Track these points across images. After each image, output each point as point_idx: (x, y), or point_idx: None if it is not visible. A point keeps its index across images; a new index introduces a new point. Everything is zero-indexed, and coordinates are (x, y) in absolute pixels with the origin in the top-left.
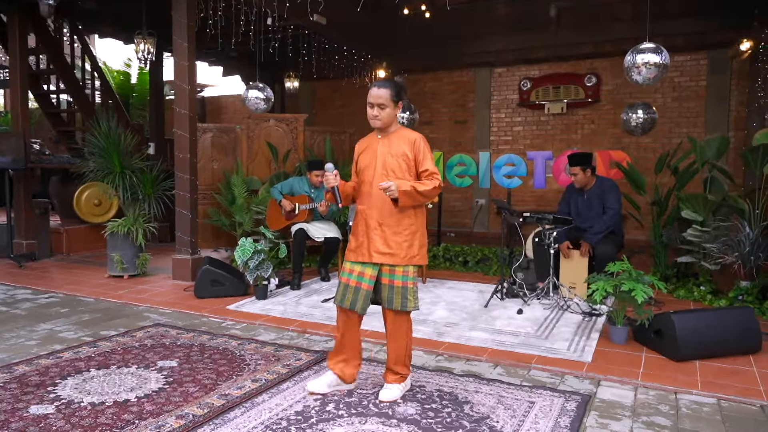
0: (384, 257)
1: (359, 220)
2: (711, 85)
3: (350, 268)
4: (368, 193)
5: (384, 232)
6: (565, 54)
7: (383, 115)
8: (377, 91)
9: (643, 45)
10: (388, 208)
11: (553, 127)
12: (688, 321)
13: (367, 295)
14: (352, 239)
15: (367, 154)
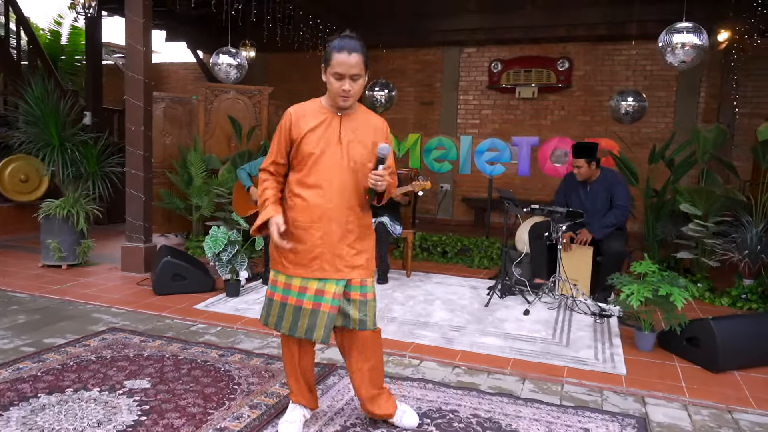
0: (357, 271)
1: (306, 222)
2: (682, 75)
3: (294, 283)
4: (327, 187)
5: (357, 240)
6: (538, 36)
7: (356, 88)
8: (350, 58)
9: (681, 24)
10: (358, 207)
11: (523, 112)
12: (728, 329)
13: (331, 320)
14: (293, 245)
15: (321, 135)
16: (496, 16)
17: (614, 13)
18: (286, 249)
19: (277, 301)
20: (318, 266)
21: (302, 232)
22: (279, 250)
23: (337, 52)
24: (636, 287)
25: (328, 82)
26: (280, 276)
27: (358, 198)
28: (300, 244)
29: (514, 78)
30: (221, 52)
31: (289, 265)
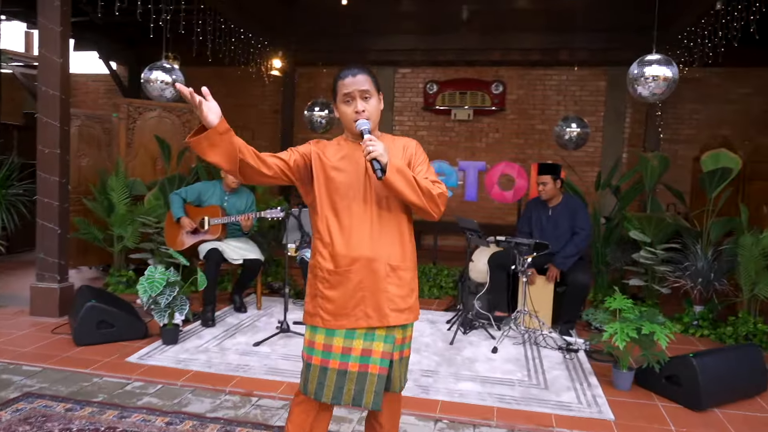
0: (403, 315)
1: (343, 266)
2: (609, 101)
3: (336, 344)
4: (362, 222)
5: (399, 278)
6: (473, 59)
7: (371, 108)
8: (356, 77)
9: (652, 56)
10: (399, 240)
11: (458, 134)
12: (709, 366)
13: (381, 383)
14: (326, 292)
15: (346, 167)
16: (431, 37)
17: (547, 39)
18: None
19: (316, 366)
20: (362, 313)
21: (340, 278)
22: (316, 300)
23: (341, 79)
24: (619, 326)
25: (340, 113)
26: (317, 335)
27: (398, 229)
28: (339, 291)
29: (450, 100)
30: (154, 68)
31: (329, 317)
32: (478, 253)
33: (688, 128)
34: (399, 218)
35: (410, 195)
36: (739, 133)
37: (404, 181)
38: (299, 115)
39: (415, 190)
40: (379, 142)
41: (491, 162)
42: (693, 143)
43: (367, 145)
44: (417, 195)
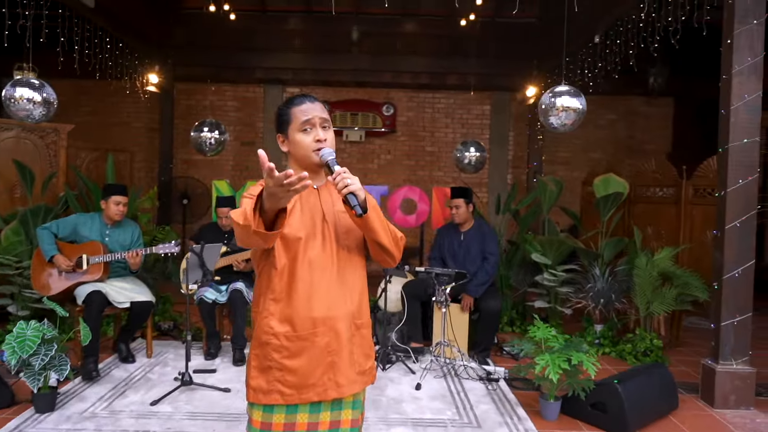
0: (366, 377)
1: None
2: (494, 125)
3: (300, 420)
4: (323, 276)
5: (362, 336)
6: (364, 80)
7: (331, 139)
8: (314, 105)
9: (561, 87)
10: (356, 289)
11: (350, 155)
12: (632, 390)
13: None
14: (286, 362)
15: (300, 215)
16: (322, 56)
17: (437, 63)
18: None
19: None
20: (332, 382)
21: (303, 344)
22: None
23: (296, 106)
24: (549, 358)
25: (295, 143)
26: (275, 415)
27: (359, 280)
28: (302, 359)
29: (341, 121)
30: (18, 84)
31: (291, 391)
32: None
33: (564, 151)
34: (359, 268)
35: (382, 235)
36: (608, 156)
37: (378, 219)
38: (180, 134)
39: (386, 230)
40: (352, 175)
41: (383, 184)
42: (569, 165)
43: (343, 177)
44: (387, 235)
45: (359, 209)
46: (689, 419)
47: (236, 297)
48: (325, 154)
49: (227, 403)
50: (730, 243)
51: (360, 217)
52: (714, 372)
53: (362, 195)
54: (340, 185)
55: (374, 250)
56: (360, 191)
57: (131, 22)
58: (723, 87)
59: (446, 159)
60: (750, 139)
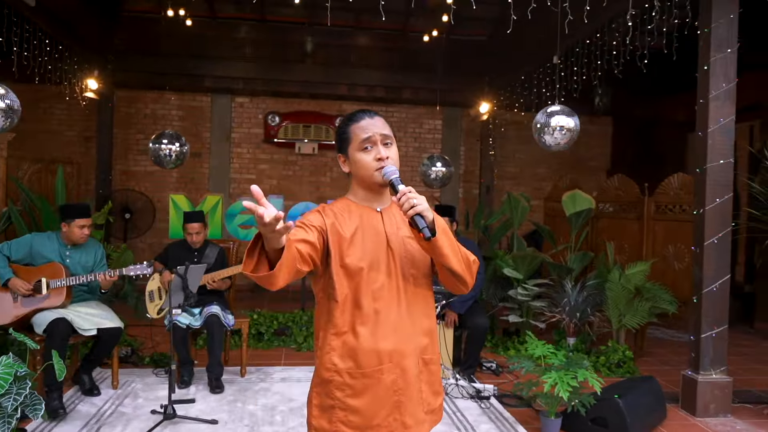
0: (435, 416)
1: (371, 366)
2: (446, 139)
3: None
4: (389, 309)
5: (431, 372)
6: (317, 92)
7: (394, 156)
8: (374, 120)
9: (555, 107)
10: (424, 321)
11: (302, 168)
12: (632, 404)
13: None
14: (349, 401)
15: (363, 242)
16: (274, 66)
17: (390, 77)
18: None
19: None
20: (398, 423)
21: (367, 381)
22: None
23: (355, 123)
24: (557, 375)
25: (355, 163)
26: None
27: (427, 311)
28: (366, 398)
29: (293, 133)
30: None
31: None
32: None
33: (512, 166)
34: (426, 298)
35: (453, 260)
36: (552, 172)
37: (448, 242)
38: (119, 143)
39: (457, 254)
40: (420, 195)
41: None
42: (516, 180)
43: (409, 198)
44: (458, 260)
45: (428, 232)
46: (677, 428)
47: (213, 322)
48: (387, 173)
49: None
50: (708, 258)
51: (428, 241)
52: (695, 382)
53: (430, 216)
54: (405, 206)
55: (444, 276)
56: (428, 212)
57: (71, 22)
58: (700, 111)
59: (400, 172)
60: (725, 161)
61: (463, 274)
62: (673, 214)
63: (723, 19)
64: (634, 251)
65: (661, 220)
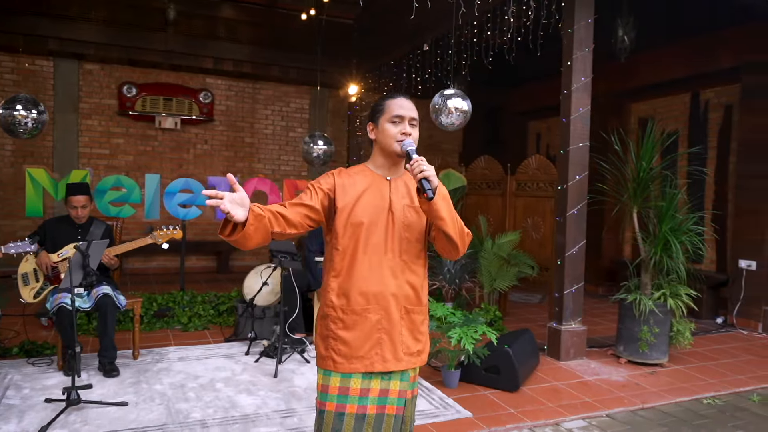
0: (413, 358)
1: (360, 305)
2: (312, 118)
3: (353, 386)
4: (380, 260)
5: (412, 321)
6: (180, 63)
7: (416, 136)
8: (408, 102)
9: (450, 91)
10: (416, 281)
11: (162, 144)
12: (518, 352)
13: (398, 424)
14: (339, 333)
15: (369, 201)
16: (131, 33)
17: (259, 53)
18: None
19: (330, 412)
20: (379, 356)
21: (356, 318)
22: (328, 342)
23: (392, 99)
24: (461, 331)
25: (382, 131)
26: (332, 378)
27: (416, 269)
28: (354, 332)
29: (152, 105)
30: None
31: (342, 360)
32: (253, 275)
33: None
34: (414, 258)
35: (449, 223)
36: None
37: (447, 207)
38: None
39: (453, 220)
40: (429, 164)
41: (200, 175)
42: None
43: (420, 164)
44: (453, 226)
45: (431, 193)
46: (548, 371)
47: (106, 303)
48: (406, 144)
49: (133, 417)
50: (570, 227)
51: (429, 201)
52: (559, 332)
53: (435, 182)
54: (416, 170)
55: (440, 239)
56: (434, 178)
57: None
58: (563, 101)
59: (266, 151)
60: (583, 144)
61: (457, 240)
62: (531, 190)
63: (583, 22)
64: (498, 224)
65: (521, 196)
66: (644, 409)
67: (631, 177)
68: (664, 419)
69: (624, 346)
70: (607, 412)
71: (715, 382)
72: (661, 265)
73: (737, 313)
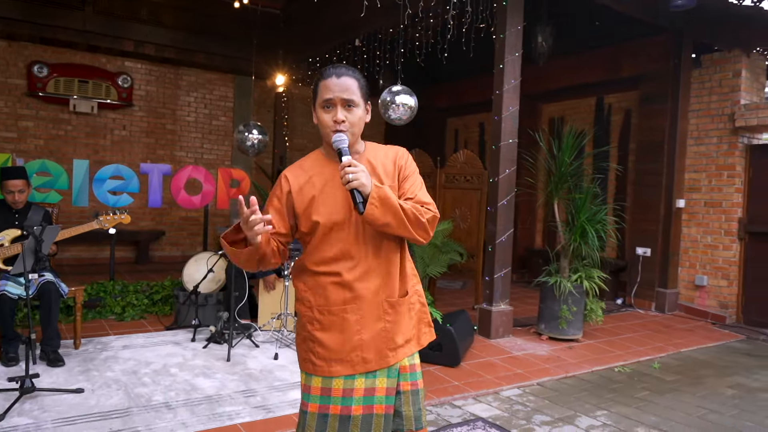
0: (400, 351)
1: (336, 305)
2: (237, 107)
3: (336, 386)
4: (349, 255)
5: (398, 313)
6: (98, 44)
7: (353, 119)
8: (339, 80)
9: (398, 87)
10: (392, 269)
11: (76, 128)
12: (459, 331)
13: (388, 424)
14: (317, 334)
15: (325, 194)
16: (43, 8)
17: (184, 39)
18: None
19: (313, 414)
20: (359, 358)
21: (333, 319)
22: (306, 344)
23: (323, 80)
24: None
25: (317, 120)
26: (313, 379)
27: (395, 256)
28: (332, 334)
29: (66, 87)
30: None
31: (321, 363)
32: (193, 263)
33: (300, 138)
34: (392, 245)
35: (395, 225)
36: None
37: (390, 212)
38: None
39: (401, 221)
40: (360, 166)
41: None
42: (305, 151)
43: (346, 172)
44: (403, 225)
45: (361, 207)
46: (481, 348)
47: (50, 290)
48: (336, 141)
49: (93, 403)
50: (500, 216)
51: (361, 214)
52: (490, 312)
53: (367, 190)
54: (343, 180)
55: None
56: (364, 187)
57: None
58: (495, 101)
59: (188, 138)
60: (513, 140)
61: (411, 235)
62: (459, 183)
63: (513, 29)
64: None
65: (450, 188)
66: (567, 377)
67: (555, 171)
68: (584, 385)
69: (545, 324)
70: (537, 381)
71: (623, 353)
72: (579, 251)
73: (634, 294)
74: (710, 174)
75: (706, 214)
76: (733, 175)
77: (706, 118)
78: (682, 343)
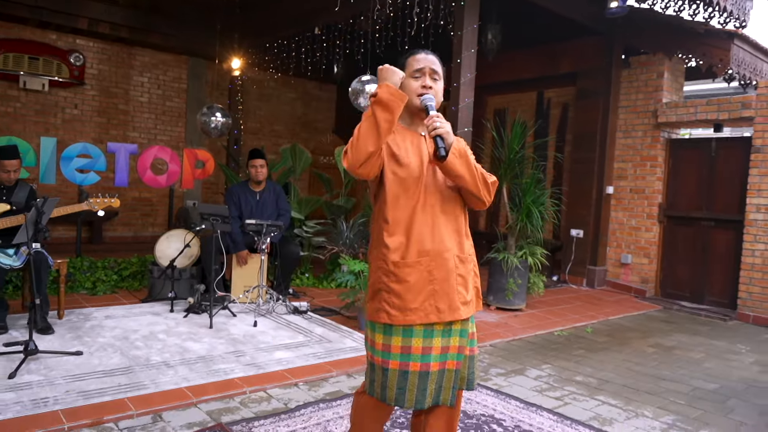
0: (469, 307)
1: (412, 258)
2: (191, 89)
3: (415, 344)
4: (427, 212)
5: (466, 269)
6: (50, 21)
7: (437, 89)
8: (428, 57)
9: (367, 77)
10: (458, 225)
11: (26, 106)
12: None
13: (457, 377)
14: (393, 285)
15: (410, 155)
16: None
17: (138, 19)
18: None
19: (394, 370)
20: (432, 307)
21: (409, 270)
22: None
23: (413, 55)
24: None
25: (404, 87)
26: (393, 337)
27: (459, 218)
28: (407, 285)
29: (15, 63)
30: None
31: (396, 312)
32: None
33: (253, 122)
34: (459, 207)
35: (468, 179)
36: (288, 130)
37: (465, 164)
38: None
39: (473, 175)
40: (445, 121)
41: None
42: (257, 135)
43: (434, 120)
44: (474, 180)
45: (442, 151)
46: None
47: (41, 259)
48: (425, 98)
49: (96, 362)
50: None
51: (442, 159)
52: None
53: (450, 140)
54: (430, 127)
55: (464, 193)
56: (448, 135)
57: None
58: (453, 93)
59: (141, 119)
60: (468, 129)
61: (479, 193)
62: None
63: (470, 27)
64: None
65: None
66: (515, 339)
67: (504, 157)
68: (530, 346)
69: (494, 296)
70: (490, 343)
71: (560, 320)
72: (524, 231)
73: (569, 272)
74: (636, 164)
75: (632, 200)
76: (655, 165)
77: (633, 113)
78: (611, 312)
